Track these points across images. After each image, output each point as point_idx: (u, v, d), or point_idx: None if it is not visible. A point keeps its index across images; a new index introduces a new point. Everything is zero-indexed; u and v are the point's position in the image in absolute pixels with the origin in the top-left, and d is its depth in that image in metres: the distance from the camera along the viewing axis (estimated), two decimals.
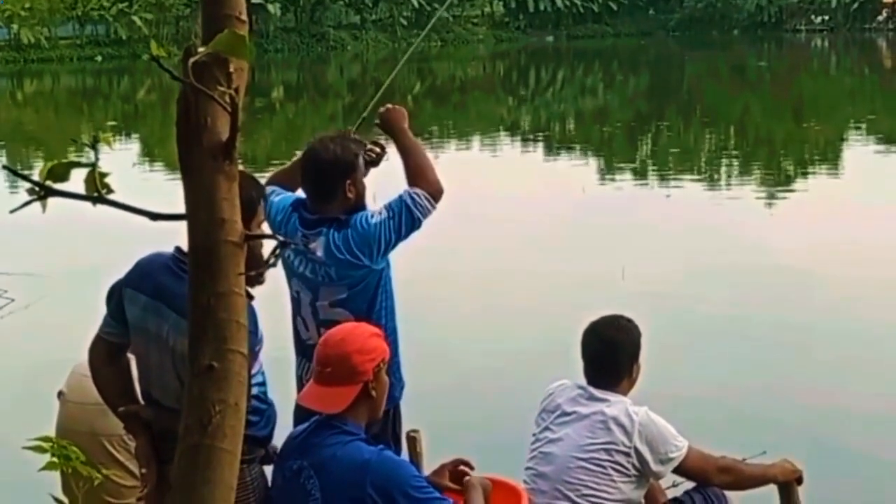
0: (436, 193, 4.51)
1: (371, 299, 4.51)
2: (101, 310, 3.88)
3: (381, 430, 4.40)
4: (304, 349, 4.62)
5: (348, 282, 4.45)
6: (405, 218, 4.43)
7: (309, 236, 4.44)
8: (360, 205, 4.51)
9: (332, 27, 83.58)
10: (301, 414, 4.07)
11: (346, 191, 4.44)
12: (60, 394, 4.91)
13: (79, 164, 1.48)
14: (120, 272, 3.87)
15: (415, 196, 4.46)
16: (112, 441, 4.67)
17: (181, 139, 1.51)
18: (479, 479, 3.81)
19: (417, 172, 4.56)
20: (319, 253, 4.41)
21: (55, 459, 2.50)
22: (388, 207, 4.46)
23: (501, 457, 5.11)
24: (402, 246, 4.53)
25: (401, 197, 4.48)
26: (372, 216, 4.44)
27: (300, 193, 4.67)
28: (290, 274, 4.58)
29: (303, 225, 4.48)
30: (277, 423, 3.93)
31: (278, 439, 3.85)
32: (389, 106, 4.75)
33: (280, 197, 4.57)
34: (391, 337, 4.39)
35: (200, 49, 1.46)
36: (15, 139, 30.64)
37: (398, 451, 4.66)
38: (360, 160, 4.50)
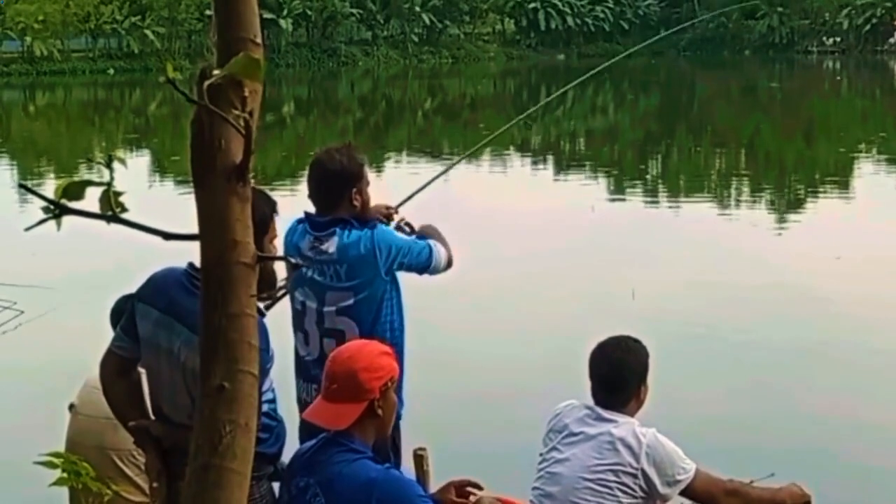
0: (450, 261, 4.75)
1: (377, 310, 4.56)
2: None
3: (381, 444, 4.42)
4: (303, 367, 4.65)
5: (356, 283, 4.49)
6: (423, 254, 4.61)
7: (321, 237, 4.51)
8: (364, 213, 4.59)
9: (343, 43, 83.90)
10: (306, 431, 4.07)
11: (351, 199, 4.53)
12: (72, 406, 4.91)
13: (93, 184, 1.49)
14: (130, 284, 3.88)
15: (438, 249, 4.67)
16: (121, 456, 4.67)
17: (195, 161, 1.53)
18: (487, 499, 3.80)
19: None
20: (332, 249, 4.48)
21: (65, 475, 2.50)
22: (416, 239, 4.67)
23: (509, 475, 5.10)
24: None
25: (425, 241, 4.67)
26: (397, 231, 4.66)
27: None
28: (297, 284, 4.61)
29: (314, 228, 4.55)
30: (286, 439, 3.93)
31: (287, 456, 3.85)
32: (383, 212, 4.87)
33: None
34: (398, 356, 4.41)
35: (215, 72, 1.48)
36: (27, 151, 30.77)
37: (399, 464, 4.66)
38: (366, 170, 4.61)
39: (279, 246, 4.11)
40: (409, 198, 5.52)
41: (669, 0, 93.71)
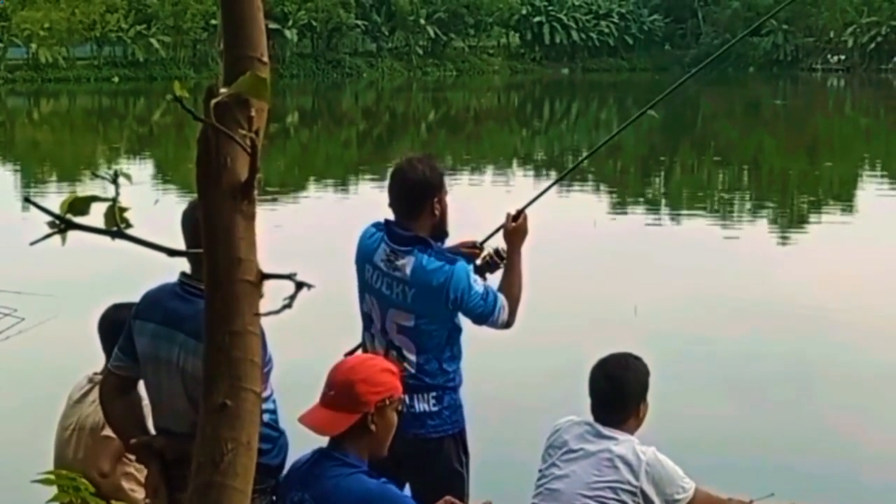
0: (509, 324, 4.80)
1: (436, 336, 4.57)
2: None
3: (447, 455, 4.65)
4: None
5: (419, 308, 4.49)
6: (486, 310, 4.63)
7: (398, 252, 4.50)
8: (443, 223, 4.63)
9: (348, 54, 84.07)
10: None
11: (432, 209, 4.54)
12: None
13: (99, 199, 1.49)
14: (129, 292, 3.90)
15: (503, 311, 4.71)
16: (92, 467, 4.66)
17: (200, 178, 1.53)
18: None
19: (508, 299, 4.78)
20: (407, 270, 4.47)
21: (62, 492, 2.50)
22: (487, 290, 4.65)
23: (507, 491, 5.10)
24: None
25: (497, 298, 4.68)
26: (476, 279, 4.61)
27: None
28: (366, 289, 4.61)
29: (392, 240, 4.53)
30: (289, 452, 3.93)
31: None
32: (518, 220, 5.08)
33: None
34: (457, 380, 4.70)
35: (222, 90, 1.48)
36: (30, 158, 30.82)
37: (467, 475, 4.75)
38: (445, 180, 4.65)
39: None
40: (496, 231, 5.38)
41: (674, 16, 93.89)
